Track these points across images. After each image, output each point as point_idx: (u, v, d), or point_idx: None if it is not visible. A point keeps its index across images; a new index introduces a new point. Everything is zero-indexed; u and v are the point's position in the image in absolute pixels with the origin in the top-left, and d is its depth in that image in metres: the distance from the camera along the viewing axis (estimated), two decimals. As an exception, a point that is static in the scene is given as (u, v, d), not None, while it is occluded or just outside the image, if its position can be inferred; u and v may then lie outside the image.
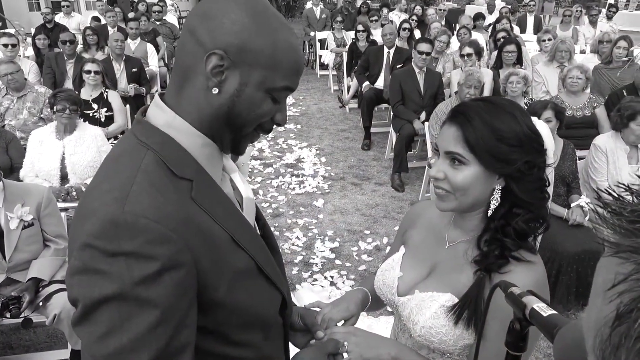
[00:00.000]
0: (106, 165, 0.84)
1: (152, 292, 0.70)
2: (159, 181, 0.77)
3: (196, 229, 0.76)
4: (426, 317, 1.08)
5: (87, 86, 4.46)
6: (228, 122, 0.83)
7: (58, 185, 3.33)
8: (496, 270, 1.03)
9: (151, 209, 0.72)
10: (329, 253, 3.77)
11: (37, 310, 2.41)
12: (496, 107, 1.04)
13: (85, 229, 0.71)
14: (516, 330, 0.69)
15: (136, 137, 0.83)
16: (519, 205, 1.04)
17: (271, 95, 0.83)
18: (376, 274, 1.27)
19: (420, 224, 1.26)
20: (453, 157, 1.04)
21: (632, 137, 3.26)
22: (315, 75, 9.46)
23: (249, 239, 0.87)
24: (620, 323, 0.30)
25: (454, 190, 1.05)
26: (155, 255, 0.70)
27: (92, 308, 0.70)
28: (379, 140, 6.13)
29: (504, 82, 4.29)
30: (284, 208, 4.48)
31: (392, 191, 4.86)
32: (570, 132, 3.78)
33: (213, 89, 0.80)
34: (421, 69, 5.10)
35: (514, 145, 1.01)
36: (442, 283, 1.10)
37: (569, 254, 2.96)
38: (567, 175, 3.24)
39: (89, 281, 0.70)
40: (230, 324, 0.84)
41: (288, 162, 5.50)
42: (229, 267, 0.81)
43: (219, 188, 0.86)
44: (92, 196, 0.77)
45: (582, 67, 4.20)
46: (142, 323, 0.69)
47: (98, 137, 3.51)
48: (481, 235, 1.08)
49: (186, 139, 0.83)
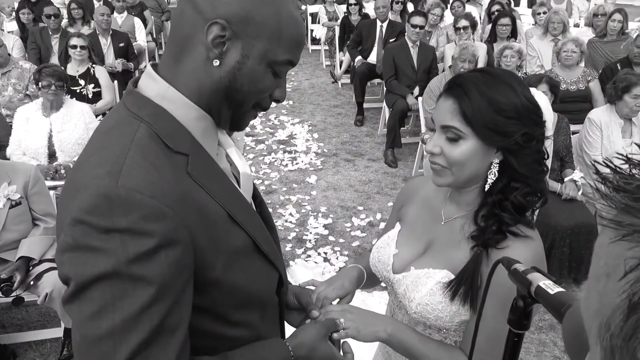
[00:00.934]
0: (96, 138, 0.80)
1: (147, 270, 0.67)
2: (153, 155, 0.73)
3: (193, 206, 0.73)
4: (422, 294, 1.06)
5: (73, 62, 4.35)
6: (228, 96, 0.79)
7: (46, 164, 3.27)
8: (493, 245, 1.01)
9: (146, 184, 0.69)
10: (322, 229, 3.77)
11: (28, 289, 2.39)
12: (494, 78, 1.00)
13: (76, 204, 0.68)
14: (520, 308, 0.67)
15: (127, 108, 0.79)
16: (517, 179, 1.01)
17: (273, 70, 0.80)
18: (371, 251, 1.25)
19: (416, 200, 1.23)
20: (449, 131, 1.01)
21: (625, 109, 3.24)
22: (307, 50, 9.31)
23: (247, 216, 0.84)
24: (633, 314, 0.27)
25: (450, 166, 1.02)
26: (151, 231, 0.67)
27: (84, 286, 0.67)
28: (372, 116, 6.08)
29: (499, 56, 4.23)
30: (276, 185, 4.45)
31: (385, 167, 4.84)
32: (564, 106, 3.75)
33: (214, 60, 0.76)
34: (415, 43, 5.02)
35: (512, 117, 0.98)
36: (438, 260, 1.08)
37: (562, 228, 2.98)
38: (560, 149, 3.23)
39: (81, 258, 0.67)
40: (226, 304, 0.82)
41: (280, 139, 5.44)
42: (226, 245, 0.78)
43: (215, 163, 0.83)
44: (82, 170, 0.73)
45: (576, 41, 4.16)
46: (135, 302, 0.67)
47: (86, 113, 3.44)
48: (478, 210, 1.06)
49: (180, 111, 0.79)
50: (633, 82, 3.18)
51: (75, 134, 3.34)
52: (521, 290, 0.67)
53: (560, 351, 2.68)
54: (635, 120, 3.33)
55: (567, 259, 3.01)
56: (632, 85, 3.18)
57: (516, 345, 0.70)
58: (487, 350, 0.97)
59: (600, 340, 0.30)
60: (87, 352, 0.67)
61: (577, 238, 3.00)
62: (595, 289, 0.32)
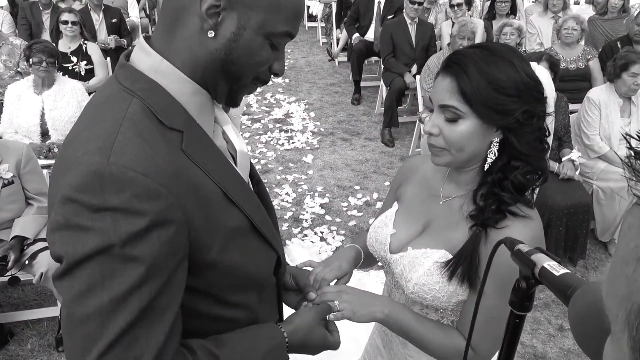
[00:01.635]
0: (87, 113, 0.77)
1: (138, 250, 0.65)
2: (146, 131, 0.70)
3: (187, 184, 0.71)
4: (419, 274, 1.05)
5: (64, 38, 4.26)
6: (224, 70, 0.76)
7: (39, 142, 3.23)
8: (492, 225, 0.99)
9: (139, 161, 0.67)
10: (318, 209, 3.76)
11: (23, 269, 2.38)
12: (493, 54, 0.97)
13: (66, 181, 0.66)
14: (522, 289, 0.66)
15: (119, 82, 0.76)
16: (517, 157, 0.99)
17: (270, 41, 0.77)
18: (368, 231, 1.24)
19: (414, 179, 1.21)
20: (448, 111, 0.98)
21: (624, 88, 3.21)
22: (304, 28, 9.17)
23: (243, 196, 0.81)
24: None
25: (449, 146, 1.00)
26: (144, 210, 0.65)
27: (75, 264, 0.65)
28: (369, 95, 6.02)
29: (498, 33, 4.18)
30: (272, 164, 4.43)
31: (382, 146, 4.81)
32: (563, 85, 3.72)
33: (208, 31, 0.73)
34: (413, 20, 4.94)
35: (512, 95, 0.94)
36: (436, 239, 1.07)
37: (558, 207, 2.98)
38: (559, 129, 3.21)
39: (72, 237, 0.65)
40: (223, 285, 0.80)
41: (276, 117, 5.39)
42: (222, 226, 0.76)
43: (211, 140, 0.80)
44: (73, 146, 0.70)
45: (577, 18, 4.10)
46: (125, 282, 0.65)
47: (78, 91, 3.38)
48: (477, 189, 1.04)
49: (174, 85, 0.76)
50: (632, 60, 3.15)
51: (68, 111, 3.28)
52: (524, 271, 0.66)
53: (555, 329, 2.71)
54: (635, 99, 3.30)
55: (564, 238, 3.02)
56: (631, 63, 3.14)
57: (517, 327, 0.69)
58: (484, 330, 0.96)
59: (628, 327, 0.28)
60: (74, 330, 0.66)
61: (573, 218, 3.01)
62: (623, 273, 0.30)
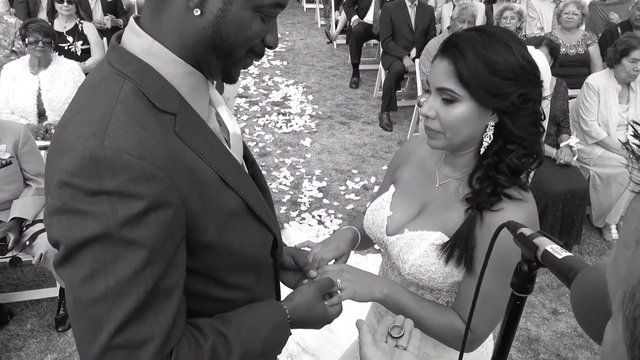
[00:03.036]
0: (80, 95, 0.76)
1: (137, 232, 0.65)
2: (140, 114, 0.70)
3: (182, 167, 0.71)
4: (416, 255, 1.06)
5: (60, 17, 4.20)
6: (214, 47, 0.75)
7: (36, 123, 3.21)
8: (488, 207, 1.01)
9: (133, 144, 0.66)
10: (316, 192, 3.77)
11: (23, 250, 2.39)
12: (490, 37, 0.97)
13: (62, 165, 0.66)
14: (524, 272, 0.67)
15: (111, 65, 0.75)
16: (512, 141, 1.00)
17: (260, 14, 0.74)
18: (365, 213, 1.25)
19: (411, 162, 1.22)
20: (445, 93, 0.98)
21: (623, 73, 3.21)
22: (302, 9, 9.08)
23: (238, 178, 0.82)
24: None
25: (445, 129, 1.00)
26: (140, 193, 0.65)
27: (75, 249, 0.65)
28: (368, 78, 5.99)
29: (498, 17, 4.15)
30: (270, 147, 4.42)
31: (380, 130, 4.81)
32: (563, 70, 3.71)
33: (194, 9, 0.71)
34: (413, 2, 4.90)
35: (508, 78, 0.95)
36: (432, 222, 1.08)
37: (555, 193, 3.00)
38: (557, 114, 3.21)
39: (70, 222, 0.65)
40: (221, 267, 0.81)
41: (274, 100, 5.37)
42: (218, 208, 0.76)
43: (204, 123, 0.80)
44: (67, 129, 0.70)
45: (578, 3, 4.07)
46: (128, 265, 0.66)
47: (75, 71, 3.34)
48: (473, 173, 1.05)
49: (166, 67, 0.75)
50: (633, 45, 3.14)
51: (65, 92, 3.25)
52: (526, 254, 0.67)
53: (549, 312, 2.75)
54: (633, 85, 3.30)
55: (559, 224, 3.05)
56: (631, 48, 3.14)
57: (518, 309, 0.71)
58: (481, 311, 0.98)
59: (622, 308, 0.29)
60: (82, 315, 0.67)
61: (569, 203, 3.03)
62: (624, 255, 0.31)
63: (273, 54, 6.74)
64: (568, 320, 2.69)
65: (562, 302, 2.81)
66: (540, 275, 2.99)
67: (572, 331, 2.63)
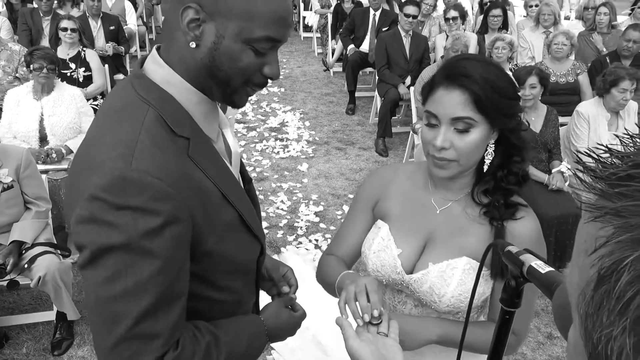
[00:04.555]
0: (107, 117, 0.86)
1: (154, 244, 0.75)
2: (160, 139, 0.80)
3: (192, 185, 0.81)
4: (453, 287, 1.06)
5: (63, 44, 4.30)
6: (212, 75, 0.83)
7: (37, 147, 3.25)
8: (510, 217, 1.06)
9: (155, 166, 0.77)
10: (313, 217, 3.80)
11: (22, 273, 2.40)
12: (483, 63, 1.02)
13: (93, 182, 0.75)
14: (512, 287, 0.71)
15: (136, 91, 0.84)
16: (514, 153, 1.06)
17: (252, 47, 0.81)
18: (368, 258, 1.18)
19: (394, 193, 1.19)
20: (461, 122, 1.00)
21: (612, 103, 3.30)
22: (299, 38, 9.27)
23: (236, 194, 0.92)
24: (602, 285, 0.31)
25: (459, 157, 1.02)
26: (159, 210, 0.75)
27: (99, 254, 0.75)
28: (364, 105, 6.10)
29: (490, 47, 4.27)
30: (268, 172, 4.47)
31: (376, 156, 4.88)
32: (554, 98, 3.81)
33: (191, 43, 0.80)
34: (407, 32, 5.03)
35: (512, 98, 1.03)
36: (452, 249, 1.08)
37: (549, 217, 3.04)
38: (549, 141, 3.29)
39: (97, 230, 0.75)
40: (216, 271, 0.91)
41: (272, 126, 5.45)
42: (218, 221, 0.87)
43: (212, 146, 0.90)
44: (96, 148, 0.80)
45: (567, 34, 4.21)
46: (144, 271, 0.76)
47: (77, 97, 3.41)
48: (473, 190, 1.10)
49: (183, 96, 0.85)
50: (621, 76, 3.24)
51: (67, 117, 3.31)
52: (514, 270, 0.71)
53: (544, 337, 2.76)
54: (622, 113, 3.40)
55: (553, 248, 3.09)
56: (620, 79, 3.24)
57: (507, 323, 0.74)
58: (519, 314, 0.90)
59: (577, 309, 0.34)
60: (102, 311, 0.77)
61: (562, 228, 3.08)
62: (576, 264, 0.36)
63: (271, 81, 6.86)
64: (563, 345, 2.71)
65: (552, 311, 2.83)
66: (536, 299, 3.01)
67: (567, 356, 2.64)
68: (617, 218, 0.31)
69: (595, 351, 0.31)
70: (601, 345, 0.31)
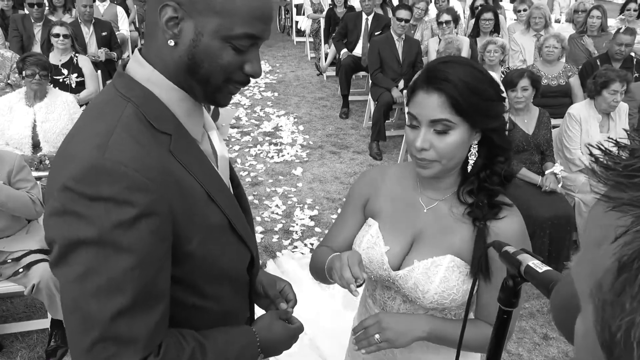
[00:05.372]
0: (87, 114, 0.85)
1: (128, 237, 0.72)
2: (138, 133, 0.78)
3: (173, 181, 0.78)
4: (436, 283, 1.08)
5: (55, 50, 4.28)
6: (191, 73, 0.82)
7: (30, 154, 3.23)
8: (492, 217, 1.07)
9: (130, 158, 0.74)
10: (308, 221, 3.80)
11: (16, 280, 2.38)
12: (463, 65, 1.03)
13: (65, 172, 0.73)
14: (509, 287, 0.72)
15: (117, 89, 0.83)
16: (498, 153, 1.07)
17: (232, 45, 0.80)
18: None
19: (383, 193, 1.22)
20: (439, 124, 1.02)
21: (603, 105, 3.34)
22: (292, 42, 9.30)
23: (223, 196, 0.89)
24: (623, 272, 0.32)
25: (440, 157, 1.04)
26: (133, 201, 0.72)
27: (69, 249, 0.72)
28: (357, 109, 6.12)
29: (482, 50, 4.30)
30: (262, 177, 4.47)
31: (370, 159, 4.89)
32: (545, 100, 3.84)
33: (169, 41, 0.79)
34: (400, 37, 5.06)
35: (495, 99, 1.04)
36: (438, 247, 1.11)
37: (542, 218, 3.06)
38: (541, 143, 3.32)
39: (67, 222, 0.72)
40: (199, 275, 0.87)
41: (266, 131, 5.45)
42: (202, 221, 0.83)
43: (197, 145, 0.88)
44: (73, 142, 0.79)
45: (558, 37, 4.25)
46: (118, 267, 0.72)
47: (70, 103, 3.40)
48: (459, 189, 1.11)
49: (165, 94, 0.83)
50: (611, 78, 3.28)
51: (60, 124, 3.30)
52: (511, 270, 0.72)
53: (539, 337, 2.78)
54: (613, 115, 3.43)
55: (547, 249, 3.10)
56: (610, 81, 3.27)
57: (505, 322, 0.75)
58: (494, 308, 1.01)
59: (592, 299, 0.34)
60: (74, 311, 0.73)
61: (556, 229, 3.10)
62: (587, 256, 0.37)
63: (264, 86, 6.87)
64: (559, 345, 2.72)
65: (552, 328, 2.84)
66: (531, 300, 3.03)
67: (563, 356, 2.65)
68: (635, 208, 0.32)
69: (613, 339, 0.32)
70: (620, 332, 0.31)
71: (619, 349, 0.31)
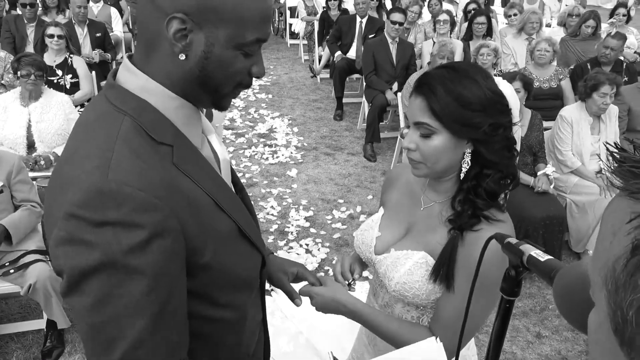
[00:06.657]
0: (80, 131, 0.80)
1: (141, 260, 0.69)
2: (139, 148, 0.75)
3: (180, 195, 0.75)
4: (400, 273, 1.14)
5: (50, 51, 4.27)
6: (201, 84, 0.80)
7: (25, 154, 3.22)
8: (468, 228, 1.08)
9: (134, 176, 0.71)
10: (303, 222, 3.82)
11: (13, 280, 2.37)
12: (458, 73, 1.05)
13: (68, 199, 0.69)
14: (511, 277, 0.75)
15: (110, 102, 0.79)
16: (488, 166, 1.08)
17: (242, 51, 0.79)
18: (356, 234, 1.33)
19: (398, 186, 1.31)
20: (422, 127, 1.06)
21: (594, 107, 3.39)
22: (286, 45, 9.32)
23: (230, 203, 0.87)
24: (636, 253, 0.34)
25: (425, 160, 1.08)
26: (142, 223, 0.69)
27: (81, 278, 0.69)
28: (351, 111, 6.15)
29: (475, 53, 4.35)
30: (257, 178, 4.48)
31: (365, 161, 4.92)
32: (537, 103, 3.90)
33: (179, 54, 0.76)
34: (394, 39, 5.11)
35: (477, 110, 1.03)
36: (417, 242, 1.16)
37: (535, 219, 3.11)
38: (534, 145, 3.37)
39: (76, 251, 0.69)
40: (215, 286, 0.85)
41: (260, 132, 5.46)
42: (213, 231, 0.81)
43: (199, 152, 0.85)
44: (69, 164, 0.74)
45: (550, 40, 4.31)
46: (134, 291, 0.69)
47: (65, 104, 3.39)
48: (454, 196, 1.13)
49: (161, 102, 0.80)
50: (601, 81, 3.33)
51: (55, 124, 3.29)
52: (513, 260, 0.75)
53: (533, 336, 2.81)
54: (604, 117, 3.49)
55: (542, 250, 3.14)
56: (600, 84, 3.33)
57: (507, 311, 0.78)
58: (452, 324, 1.07)
59: (605, 284, 0.36)
60: (95, 338, 0.71)
61: (549, 229, 3.14)
62: (602, 248, 0.39)
63: (259, 88, 6.88)
64: (552, 344, 2.76)
65: (545, 326, 2.88)
66: (524, 299, 3.07)
67: (556, 354, 2.69)
68: None
69: (625, 320, 0.34)
70: (632, 311, 0.33)
71: (631, 328, 0.33)
